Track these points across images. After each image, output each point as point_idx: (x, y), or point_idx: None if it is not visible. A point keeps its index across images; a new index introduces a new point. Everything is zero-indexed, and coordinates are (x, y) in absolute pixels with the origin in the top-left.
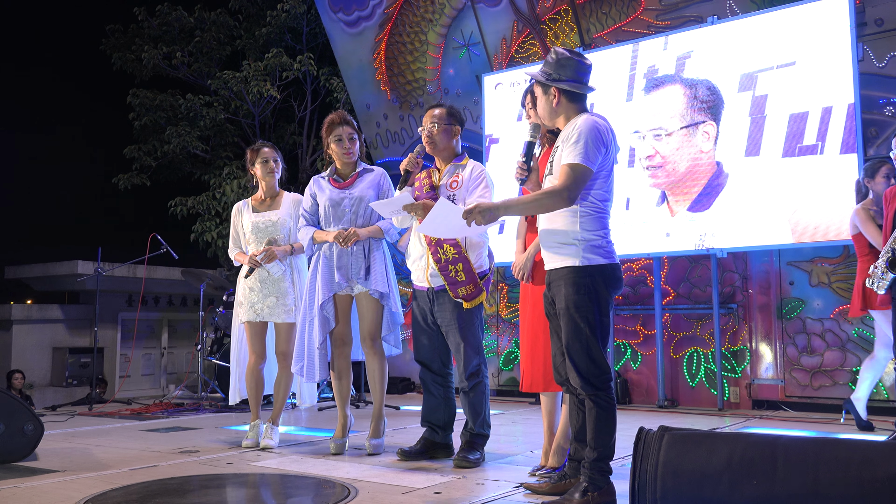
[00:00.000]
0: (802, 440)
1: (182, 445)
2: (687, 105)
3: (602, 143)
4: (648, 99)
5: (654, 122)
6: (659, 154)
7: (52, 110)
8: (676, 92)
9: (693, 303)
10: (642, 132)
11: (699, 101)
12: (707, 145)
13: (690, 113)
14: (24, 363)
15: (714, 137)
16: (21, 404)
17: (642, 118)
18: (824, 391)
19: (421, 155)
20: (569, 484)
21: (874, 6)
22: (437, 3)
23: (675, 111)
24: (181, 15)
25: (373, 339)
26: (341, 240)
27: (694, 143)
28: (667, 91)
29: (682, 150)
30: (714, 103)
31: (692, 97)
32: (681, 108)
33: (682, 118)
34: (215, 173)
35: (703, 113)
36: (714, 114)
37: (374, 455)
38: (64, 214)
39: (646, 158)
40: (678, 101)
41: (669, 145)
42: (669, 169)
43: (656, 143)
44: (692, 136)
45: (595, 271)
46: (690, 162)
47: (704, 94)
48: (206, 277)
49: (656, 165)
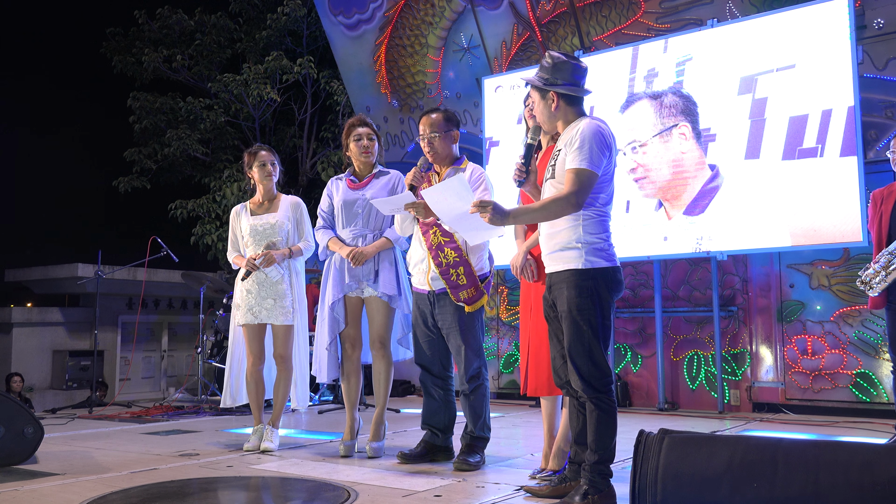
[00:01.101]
0: (803, 443)
1: (182, 448)
2: (655, 114)
3: (605, 147)
4: (623, 118)
5: (629, 137)
6: (641, 166)
7: (53, 113)
8: (644, 106)
9: (693, 305)
10: (622, 149)
11: (666, 108)
12: (686, 145)
13: (660, 119)
14: (25, 366)
15: (693, 136)
16: (21, 407)
17: (619, 135)
18: (824, 394)
19: (424, 169)
20: (569, 487)
21: (874, 9)
22: (437, 6)
23: (647, 122)
24: (181, 18)
25: (381, 343)
26: (352, 259)
27: (672, 147)
28: (636, 107)
29: (660, 156)
30: (684, 106)
31: (659, 105)
32: (651, 118)
33: (654, 126)
34: (215, 176)
35: (674, 117)
36: (687, 115)
37: (375, 458)
38: (64, 217)
39: (629, 172)
40: (647, 113)
41: (647, 155)
42: (654, 177)
43: (634, 155)
44: (668, 141)
45: (597, 274)
46: (673, 166)
47: (671, 100)
48: (207, 280)
49: (641, 177)
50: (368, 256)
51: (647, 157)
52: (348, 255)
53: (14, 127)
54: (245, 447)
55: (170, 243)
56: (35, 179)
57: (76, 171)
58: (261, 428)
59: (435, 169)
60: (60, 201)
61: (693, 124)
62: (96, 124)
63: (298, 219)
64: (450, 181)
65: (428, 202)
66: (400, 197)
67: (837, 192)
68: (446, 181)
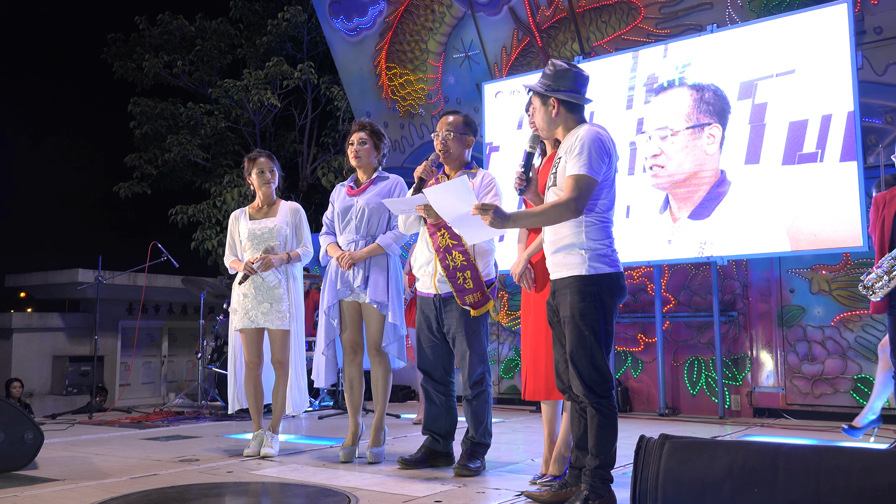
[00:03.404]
0: (803, 448)
1: (182, 454)
2: (693, 107)
3: (605, 154)
4: (656, 102)
5: (661, 122)
6: (664, 153)
7: (53, 118)
8: (683, 94)
9: (694, 310)
10: (648, 132)
11: (705, 104)
12: (712, 148)
13: (696, 115)
14: (25, 371)
15: (719, 142)
16: (21, 413)
17: (648, 120)
18: (825, 399)
19: (435, 163)
20: (570, 492)
21: (873, 14)
22: (437, 11)
23: (682, 112)
24: (182, 24)
25: (377, 348)
26: (341, 263)
27: (699, 146)
28: (674, 93)
29: (687, 150)
30: (720, 108)
31: (699, 99)
32: (687, 109)
33: (689, 118)
34: (216, 181)
35: (709, 115)
36: (720, 118)
37: (375, 464)
38: (65, 223)
39: (651, 157)
40: (684, 103)
41: (675, 144)
42: (673, 168)
43: (662, 142)
44: (698, 138)
45: (600, 280)
46: (695, 165)
47: (711, 97)
48: (207, 285)
49: (661, 165)
50: (356, 261)
51: (674, 147)
52: (337, 258)
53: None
54: (245, 453)
55: (170, 248)
56: (35, 184)
57: (76, 177)
58: (260, 433)
59: (445, 171)
60: (61, 206)
61: (723, 128)
62: (97, 130)
63: (297, 224)
64: (453, 182)
65: (430, 200)
66: (412, 199)
67: (837, 197)
68: (449, 182)
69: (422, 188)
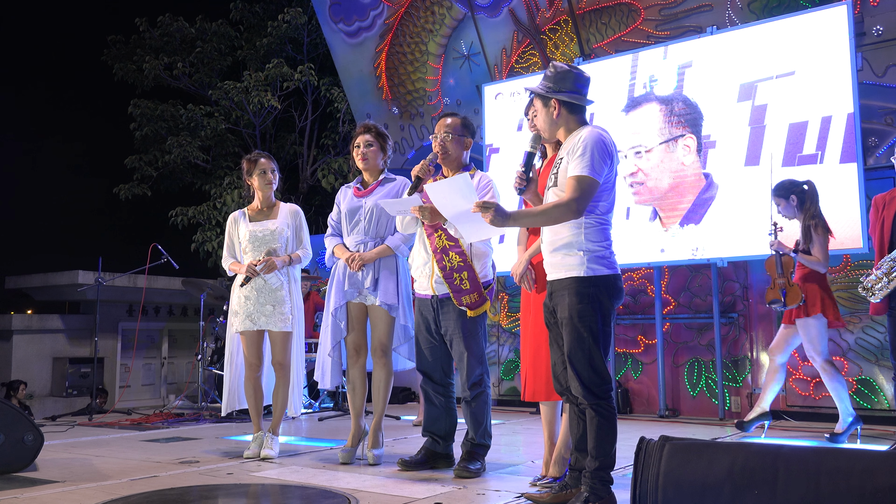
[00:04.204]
0: (803, 450)
1: (182, 456)
2: (664, 120)
3: (607, 156)
4: (628, 119)
5: (634, 140)
6: (641, 171)
7: (54, 120)
8: (653, 109)
9: (694, 312)
10: (623, 151)
11: (675, 116)
12: (689, 158)
13: (668, 127)
14: (25, 373)
15: (696, 149)
16: (21, 414)
17: (623, 137)
18: (825, 400)
19: (433, 163)
20: (570, 494)
21: (873, 16)
22: (437, 13)
23: (654, 127)
24: (182, 25)
25: (383, 351)
26: (351, 264)
27: (675, 157)
28: (644, 110)
29: (663, 165)
30: (692, 116)
31: (668, 112)
32: (658, 123)
33: (661, 133)
34: (216, 183)
35: (681, 126)
36: (693, 126)
37: (375, 465)
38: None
39: (629, 176)
40: (655, 118)
41: (650, 161)
42: (652, 185)
43: (637, 160)
44: (672, 151)
45: (599, 282)
46: (673, 177)
47: (681, 108)
48: (207, 287)
49: (639, 182)
50: (366, 261)
51: (650, 163)
52: (347, 260)
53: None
54: (245, 454)
55: (170, 250)
56: (36, 186)
57: (77, 178)
58: (260, 435)
59: (443, 172)
60: (61, 208)
61: (697, 136)
62: (97, 131)
63: (297, 226)
64: (455, 179)
65: (431, 196)
66: (408, 200)
67: (837, 198)
68: (452, 178)
69: (419, 187)
